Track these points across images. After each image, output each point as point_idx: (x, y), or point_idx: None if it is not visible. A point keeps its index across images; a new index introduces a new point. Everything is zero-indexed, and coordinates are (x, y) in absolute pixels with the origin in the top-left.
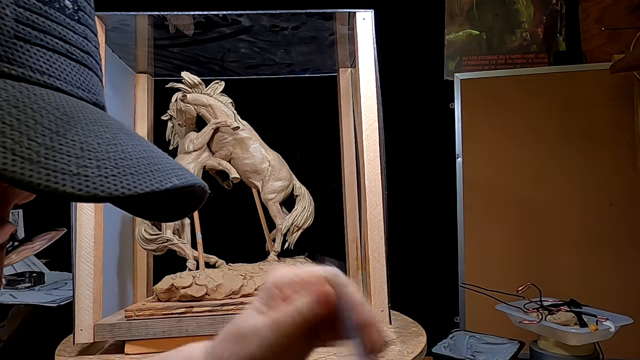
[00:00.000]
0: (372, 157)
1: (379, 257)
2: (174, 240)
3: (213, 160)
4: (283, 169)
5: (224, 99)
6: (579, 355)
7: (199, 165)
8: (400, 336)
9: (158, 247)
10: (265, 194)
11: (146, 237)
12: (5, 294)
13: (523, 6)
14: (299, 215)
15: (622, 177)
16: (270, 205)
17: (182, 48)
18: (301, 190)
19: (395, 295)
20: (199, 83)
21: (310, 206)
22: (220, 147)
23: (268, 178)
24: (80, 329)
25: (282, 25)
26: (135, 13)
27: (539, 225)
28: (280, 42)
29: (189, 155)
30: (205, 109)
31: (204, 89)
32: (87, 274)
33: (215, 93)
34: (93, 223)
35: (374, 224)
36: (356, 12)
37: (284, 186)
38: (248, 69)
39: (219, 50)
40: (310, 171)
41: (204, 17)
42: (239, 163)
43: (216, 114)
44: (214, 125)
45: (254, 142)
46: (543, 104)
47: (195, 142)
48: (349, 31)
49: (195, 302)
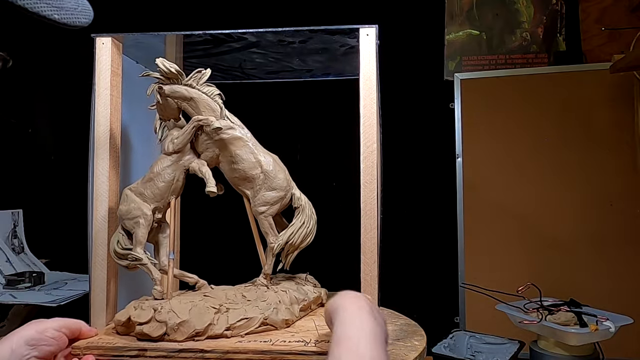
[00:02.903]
0: (369, 180)
1: (371, 281)
2: (142, 260)
3: (196, 164)
4: (279, 176)
5: (209, 91)
6: (579, 355)
7: (179, 169)
8: (400, 336)
9: (129, 265)
10: (256, 206)
11: (118, 250)
12: (5, 294)
13: (523, 6)
14: (295, 233)
15: (622, 177)
16: (261, 220)
17: (200, 59)
18: (301, 202)
19: (395, 295)
20: (177, 72)
21: (311, 221)
22: (205, 148)
23: (259, 187)
24: (94, 327)
25: (289, 40)
26: (145, 33)
27: (539, 225)
28: (291, 53)
29: (168, 157)
30: (187, 103)
31: (184, 79)
32: (101, 280)
33: (199, 84)
34: (106, 232)
35: (368, 248)
36: (359, 28)
37: (279, 197)
38: (269, 74)
39: (235, 59)
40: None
41: (210, 35)
42: (226, 168)
43: (199, 109)
44: (195, 123)
45: (244, 144)
46: (543, 104)
47: (176, 142)
48: (358, 42)
49: (150, 344)
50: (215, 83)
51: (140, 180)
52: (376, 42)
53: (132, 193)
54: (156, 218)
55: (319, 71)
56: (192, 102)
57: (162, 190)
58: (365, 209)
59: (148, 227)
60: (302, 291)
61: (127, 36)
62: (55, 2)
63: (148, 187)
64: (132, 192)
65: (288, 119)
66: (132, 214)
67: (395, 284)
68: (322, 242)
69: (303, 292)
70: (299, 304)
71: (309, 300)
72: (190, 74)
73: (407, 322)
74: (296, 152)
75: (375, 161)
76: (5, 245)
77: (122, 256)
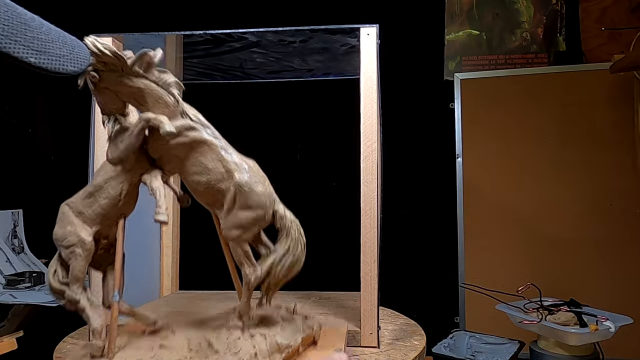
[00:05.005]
0: (370, 180)
1: (370, 281)
2: (79, 302)
3: (147, 177)
4: (256, 189)
5: (162, 79)
6: (579, 355)
7: (128, 182)
8: (399, 338)
9: (66, 304)
10: (227, 229)
11: (53, 285)
12: (5, 294)
13: (523, 6)
14: (278, 262)
15: (622, 177)
16: (233, 247)
17: (200, 59)
18: (285, 221)
19: (395, 295)
20: (114, 55)
21: (298, 246)
22: (161, 154)
23: (230, 205)
24: None
25: (289, 39)
26: (145, 34)
27: (539, 225)
28: (292, 52)
29: (112, 167)
30: (131, 97)
31: (126, 66)
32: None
33: (148, 70)
34: None
35: (368, 247)
36: (360, 28)
37: (256, 218)
38: (269, 73)
39: (236, 59)
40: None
41: (211, 35)
42: (188, 180)
43: (148, 104)
44: (142, 123)
45: (210, 149)
46: (543, 104)
47: (120, 147)
48: (359, 42)
49: None
50: (215, 83)
51: (82, 192)
52: (377, 42)
53: (70, 210)
54: (102, 243)
55: (319, 71)
56: (138, 94)
57: (106, 208)
58: (366, 209)
59: (88, 257)
60: (288, 333)
61: (128, 36)
62: (38, 45)
63: (88, 205)
64: (70, 210)
65: (288, 118)
66: (68, 241)
67: (395, 283)
68: (321, 242)
69: (289, 334)
70: (281, 352)
71: (295, 345)
72: (135, 55)
73: (406, 322)
74: (296, 152)
75: (375, 161)
76: (5, 245)
77: (59, 292)
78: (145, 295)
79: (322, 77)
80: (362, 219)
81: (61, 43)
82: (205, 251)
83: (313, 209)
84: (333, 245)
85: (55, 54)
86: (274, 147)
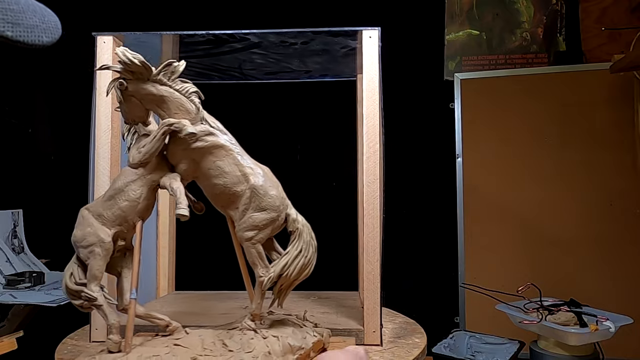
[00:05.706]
0: (372, 180)
1: (373, 280)
2: (97, 299)
3: (166, 179)
4: (270, 193)
5: (184, 88)
6: (579, 355)
7: (147, 185)
8: (400, 336)
9: (83, 304)
10: (241, 230)
11: (70, 285)
12: (5, 294)
13: (523, 6)
14: (290, 263)
15: (622, 177)
16: (247, 248)
17: (198, 59)
18: (297, 225)
19: (396, 296)
20: (142, 65)
21: (310, 248)
22: (179, 159)
23: (245, 207)
24: (95, 328)
25: (291, 41)
26: (146, 32)
27: (539, 225)
28: (293, 54)
29: (133, 171)
30: (155, 104)
31: (152, 74)
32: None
33: (171, 79)
34: None
35: (370, 247)
36: (362, 30)
37: (270, 220)
38: (267, 75)
39: (235, 60)
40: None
41: (213, 35)
42: (204, 183)
43: (171, 111)
44: (165, 128)
45: (227, 154)
46: (543, 104)
47: (142, 151)
48: (359, 45)
49: None
50: (213, 83)
51: (101, 197)
52: (379, 45)
53: (90, 214)
54: (119, 246)
55: (317, 72)
56: (161, 102)
57: (126, 211)
58: (368, 209)
59: (106, 257)
60: (299, 336)
61: (128, 35)
62: (11, 17)
63: (108, 207)
64: (90, 213)
65: (287, 119)
66: (87, 241)
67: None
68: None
69: (300, 337)
70: (294, 353)
71: (307, 348)
72: (159, 66)
73: (405, 321)
74: (296, 152)
75: (377, 161)
76: (5, 245)
77: (74, 293)
78: (142, 295)
79: (320, 78)
80: (365, 219)
81: (31, 12)
82: (201, 252)
83: (312, 209)
84: (332, 245)
85: (28, 24)
86: (273, 148)
